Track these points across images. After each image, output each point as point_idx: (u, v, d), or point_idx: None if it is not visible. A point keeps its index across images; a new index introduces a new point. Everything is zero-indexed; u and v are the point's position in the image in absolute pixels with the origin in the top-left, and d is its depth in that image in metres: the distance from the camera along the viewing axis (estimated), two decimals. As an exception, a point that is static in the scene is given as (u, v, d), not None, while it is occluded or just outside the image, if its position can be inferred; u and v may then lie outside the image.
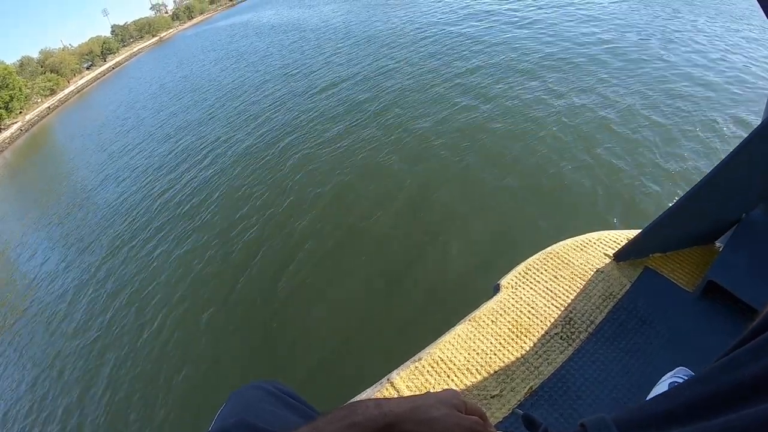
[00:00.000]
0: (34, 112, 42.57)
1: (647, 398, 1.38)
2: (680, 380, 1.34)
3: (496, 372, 1.69)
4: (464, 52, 10.21)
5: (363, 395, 1.68)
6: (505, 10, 12.65)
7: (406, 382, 1.70)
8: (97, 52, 70.10)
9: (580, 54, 8.06)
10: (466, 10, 14.23)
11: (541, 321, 1.83)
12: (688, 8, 8.83)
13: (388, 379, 1.73)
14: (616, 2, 10.42)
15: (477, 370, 1.70)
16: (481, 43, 10.48)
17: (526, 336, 1.79)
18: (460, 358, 1.76)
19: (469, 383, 1.66)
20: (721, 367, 0.51)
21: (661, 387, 1.37)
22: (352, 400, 1.67)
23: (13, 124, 39.47)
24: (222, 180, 8.53)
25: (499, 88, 7.73)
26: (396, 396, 1.66)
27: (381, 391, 1.68)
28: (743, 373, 0.48)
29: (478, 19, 12.62)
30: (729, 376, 0.49)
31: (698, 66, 6.43)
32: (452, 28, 12.61)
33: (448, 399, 0.59)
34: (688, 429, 0.49)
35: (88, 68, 65.37)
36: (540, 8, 11.82)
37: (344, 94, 10.34)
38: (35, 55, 59.27)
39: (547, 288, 1.95)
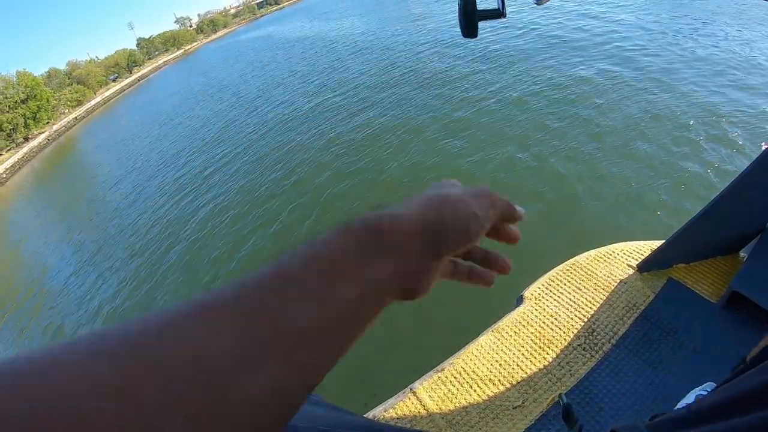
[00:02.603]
0: (61, 122, 43.65)
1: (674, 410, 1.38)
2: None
3: (518, 383, 1.69)
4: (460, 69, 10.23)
5: (385, 405, 1.70)
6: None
7: (428, 392, 1.71)
8: (123, 64, 71.57)
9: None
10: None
11: (564, 332, 1.83)
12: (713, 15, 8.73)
13: (410, 389, 1.74)
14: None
15: (500, 380, 1.71)
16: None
17: (548, 347, 1.79)
18: (483, 369, 1.76)
19: (491, 394, 1.67)
20: (747, 375, 0.53)
21: (688, 400, 1.36)
22: (373, 410, 1.69)
23: (40, 133, 40.49)
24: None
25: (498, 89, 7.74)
26: (419, 407, 1.67)
27: (404, 400, 1.69)
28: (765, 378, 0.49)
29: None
30: (753, 381, 0.50)
31: (717, 74, 6.35)
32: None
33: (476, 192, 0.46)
34: (716, 426, 0.50)
35: (114, 80, 66.75)
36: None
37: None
38: (62, 66, 60.74)
39: (570, 299, 1.95)
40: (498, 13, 1.01)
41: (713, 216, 1.75)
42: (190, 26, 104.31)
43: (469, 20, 1.01)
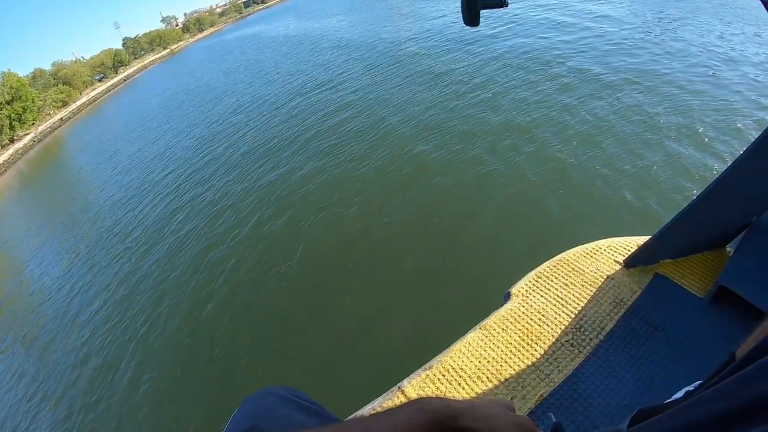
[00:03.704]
0: (47, 123, 43.12)
1: None
2: None
3: (506, 380, 1.68)
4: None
5: (374, 404, 1.68)
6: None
7: (417, 390, 1.70)
8: (108, 64, 70.87)
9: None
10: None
11: (552, 328, 1.82)
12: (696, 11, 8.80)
13: (399, 388, 1.72)
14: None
15: (488, 378, 1.70)
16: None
17: (536, 344, 1.78)
18: (471, 366, 1.75)
19: (479, 391, 1.66)
20: (738, 379, 0.51)
21: (678, 396, 1.35)
22: (361, 410, 1.67)
23: (26, 135, 39.97)
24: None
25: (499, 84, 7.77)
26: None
27: (392, 399, 1.67)
28: (760, 388, 0.47)
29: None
30: (747, 391, 0.49)
31: (706, 67, 6.40)
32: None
33: (502, 402, 0.65)
34: None
35: (99, 80, 66.06)
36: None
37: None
38: (48, 67, 59.92)
39: (558, 295, 1.94)
40: (500, 2, 1.02)
41: (700, 211, 1.75)
42: (177, 25, 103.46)
43: (472, 9, 1.03)
